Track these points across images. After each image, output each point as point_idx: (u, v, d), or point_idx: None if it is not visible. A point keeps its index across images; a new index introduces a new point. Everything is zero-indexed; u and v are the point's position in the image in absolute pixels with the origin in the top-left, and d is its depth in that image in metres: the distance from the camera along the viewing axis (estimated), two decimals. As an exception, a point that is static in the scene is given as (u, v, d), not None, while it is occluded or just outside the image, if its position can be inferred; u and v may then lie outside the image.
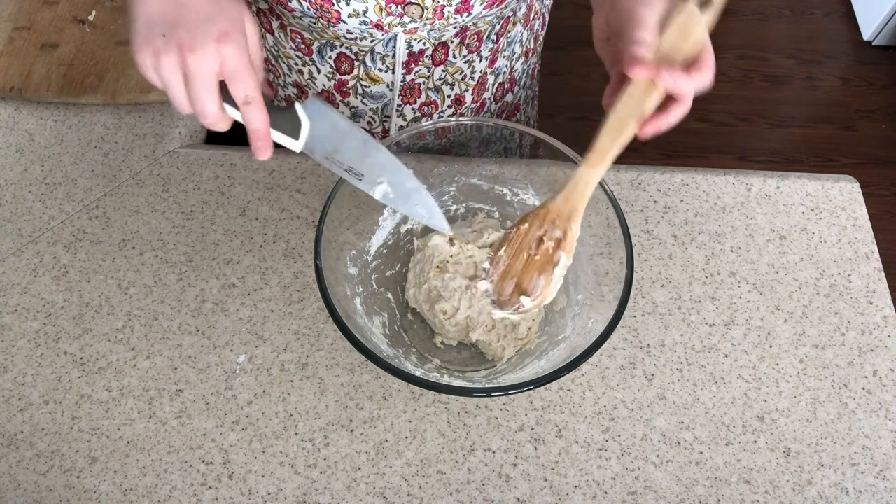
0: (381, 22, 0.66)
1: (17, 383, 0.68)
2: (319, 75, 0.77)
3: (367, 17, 0.65)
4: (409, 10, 0.65)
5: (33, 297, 0.73)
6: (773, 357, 0.70)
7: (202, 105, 0.49)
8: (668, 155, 1.93)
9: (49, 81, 0.86)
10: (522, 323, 0.68)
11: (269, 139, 0.52)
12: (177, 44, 0.47)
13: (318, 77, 0.77)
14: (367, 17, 0.65)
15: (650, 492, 0.63)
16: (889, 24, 2.07)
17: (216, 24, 0.47)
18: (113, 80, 0.86)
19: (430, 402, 0.67)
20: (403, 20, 0.66)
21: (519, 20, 0.79)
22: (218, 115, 0.50)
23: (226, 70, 0.48)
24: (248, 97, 0.49)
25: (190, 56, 0.47)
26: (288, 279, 0.74)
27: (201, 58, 0.47)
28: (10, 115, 0.86)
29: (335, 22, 0.66)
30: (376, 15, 0.65)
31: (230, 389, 0.68)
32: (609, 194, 0.62)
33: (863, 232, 0.78)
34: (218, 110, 0.49)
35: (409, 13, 0.65)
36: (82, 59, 0.88)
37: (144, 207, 0.79)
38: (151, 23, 0.48)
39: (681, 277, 0.74)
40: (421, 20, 0.66)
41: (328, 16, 0.65)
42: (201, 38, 0.47)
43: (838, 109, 2.04)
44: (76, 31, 0.90)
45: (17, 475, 0.64)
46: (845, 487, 0.63)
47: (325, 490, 0.63)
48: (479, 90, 0.82)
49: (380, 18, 0.65)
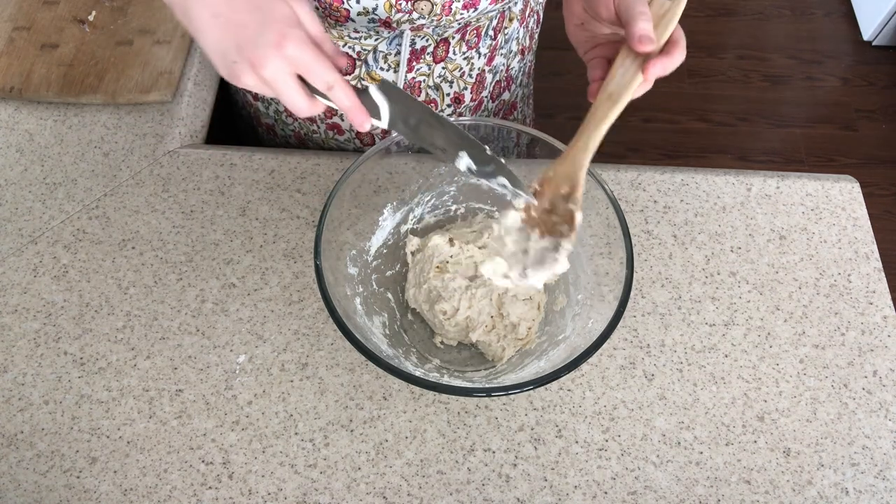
0: (389, 19, 0.66)
1: (17, 383, 0.68)
2: None
3: (376, 14, 0.65)
4: (419, 6, 0.65)
5: (33, 297, 0.73)
6: (773, 357, 0.70)
7: (294, 107, 0.51)
8: (668, 155, 1.93)
9: (49, 81, 0.86)
10: (522, 323, 0.68)
11: (364, 111, 0.53)
12: (249, 64, 0.48)
13: None
14: (376, 15, 0.65)
15: (650, 492, 0.63)
16: (889, 24, 2.07)
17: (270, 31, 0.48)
18: (113, 80, 0.86)
19: (430, 402, 0.67)
20: (412, 17, 0.66)
21: (515, 16, 0.79)
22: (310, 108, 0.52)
23: (297, 68, 0.49)
24: (328, 83, 0.50)
25: (262, 71, 0.48)
26: (288, 279, 0.74)
27: (271, 69, 0.48)
28: (10, 115, 0.86)
29: (343, 21, 0.66)
30: (386, 12, 0.65)
31: (230, 389, 0.68)
32: (609, 194, 0.62)
33: (863, 232, 0.78)
34: (309, 105, 0.51)
35: (419, 9, 0.65)
36: (82, 59, 0.88)
37: (144, 207, 0.79)
38: (220, 50, 0.49)
39: (681, 277, 0.74)
40: (429, 17, 0.66)
41: (336, 14, 0.65)
42: (262, 50, 0.48)
43: (838, 109, 2.04)
44: (76, 31, 0.90)
45: (17, 475, 0.64)
46: (845, 487, 0.63)
47: (325, 490, 0.63)
48: (477, 88, 0.82)
49: (389, 15, 0.65)
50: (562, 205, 0.57)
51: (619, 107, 0.54)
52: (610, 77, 0.55)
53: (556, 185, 0.57)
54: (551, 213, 0.58)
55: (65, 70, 0.87)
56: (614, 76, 0.54)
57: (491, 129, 0.68)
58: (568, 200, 0.57)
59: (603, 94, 0.55)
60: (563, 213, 0.57)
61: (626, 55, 0.54)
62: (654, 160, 1.91)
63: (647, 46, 0.52)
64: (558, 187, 0.57)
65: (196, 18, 0.50)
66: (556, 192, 0.57)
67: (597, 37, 0.59)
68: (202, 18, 0.49)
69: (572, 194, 0.57)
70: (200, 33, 0.50)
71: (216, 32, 0.49)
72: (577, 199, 0.57)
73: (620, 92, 0.54)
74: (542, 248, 0.59)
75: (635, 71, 0.54)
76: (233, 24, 0.49)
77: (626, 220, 0.62)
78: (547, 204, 0.58)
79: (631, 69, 0.54)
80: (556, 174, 0.57)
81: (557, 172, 0.57)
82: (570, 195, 0.57)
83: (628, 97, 0.54)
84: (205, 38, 0.50)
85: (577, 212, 0.57)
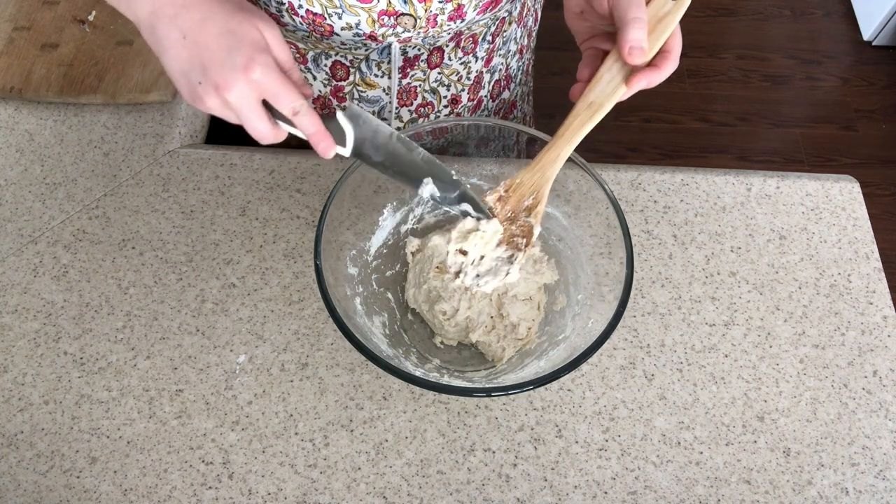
0: (374, 33, 0.66)
1: (17, 383, 0.68)
2: (315, 82, 0.77)
3: (360, 29, 0.65)
4: (402, 20, 0.65)
5: (33, 297, 0.73)
6: (773, 357, 0.70)
7: (256, 132, 0.51)
8: (668, 155, 1.93)
9: (49, 81, 0.86)
10: (522, 323, 0.68)
11: (329, 137, 0.53)
12: (212, 86, 0.48)
13: (314, 84, 0.77)
14: (360, 30, 0.65)
15: (650, 492, 0.63)
16: (889, 24, 2.07)
17: (238, 54, 0.48)
18: (113, 80, 0.86)
19: (430, 402, 0.67)
20: (397, 30, 0.66)
21: (513, 19, 0.79)
22: (273, 135, 0.52)
23: (263, 93, 0.49)
24: (295, 108, 0.50)
25: (226, 93, 0.48)
26: (288, 279, 0.74)
27: (236, 93, 0.48)
28: (10, 115, 0.86)
29: (328, 35, 0.66)
30: (369, 27, 0.65)
31: (230, 389, 0.68)
32: (609, 194, 0.62)
33: (863, 232, 0.78)
34: (271, 130, 0.51)
35: (402, 24, 0.65)
36: (82, 59, 0.88)
37: (144, 207, 0.79)
38: (184, 71, 0.49)
39: (681, 277, 0.74)
40: (414, 29, 0.66)
41: (321, 29, 0.65)
42: (229, 73, 0.48)
43: (838, 109, 2.04)
44: (76, 31, 0.90)
45: (17, 475, 0.64)
46: (845, 487, 0.63)
47: (325, 490, 0.63)
48: (475, 89, 0.82)
49: (373, 30, 0.65)
50: (522, 217, 0.57)
51: (597, 117, 0.53)
52: (595, 82, 0.53)
53: (521, 195, 0.57)
54: (512, 222, 0.58)
55: (65, 70, 0.87)
56: (598, 82, 0.53)
57: (491, 128, 0.68)
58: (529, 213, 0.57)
59: (584, 101, 0.53)
60: (522, 225, 0.57)
61: (615, 60, 0.52)
62: (654, 160, 1.91)
63: (637, 59, 0.50)
64: (522, 197, 0.57)
65: (164, 38, 0.49)
66: (520, 203, 0.57)
67: (595, 27, 0.57)
68: (170, 38, 0.49)
69: (534, 207, 0.56)
70: (166, 52, 0.50)
71: (183, 53, 0.49)
72: (538, 213, 0.56)
73: (602, 102, 0.53)
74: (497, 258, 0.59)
75: (620, 81, 0.52)
76: (201, 45, 0.48)
77: (626, 220, 0.62)
78: (509, 213, 0.58)
79: (617, 78, 0.52)
80: (524, 182, 0.57)
81: (524, 181, 0.56)
82: (532, 208, 0.56)
83: (609, 107, 0.53)
84: (170, 58, 0.50)
85: (536, 227, 0.56)
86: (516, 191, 0.57)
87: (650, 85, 0.52)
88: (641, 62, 0.50)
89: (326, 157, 0.54)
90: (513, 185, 0.57)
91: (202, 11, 0.49)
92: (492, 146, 0.70)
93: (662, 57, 0.51)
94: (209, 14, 0.49)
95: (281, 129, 0.52)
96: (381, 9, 0.63)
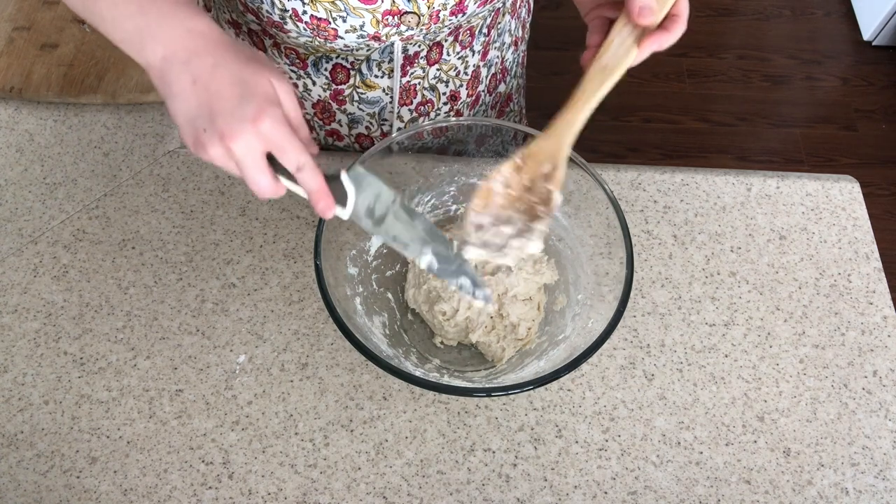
0: (378, 34, 0.66)
1: (17, 383, 0.68)
2: (315, 87, 0.77)
3: (364, 30, 0.65)
4: (406, 19, 0.65)
5: (33, 297, 0.73)
6: (773, 357, 0.70)
7: (256, 186, 0.49)
8: (668, 155, 1.93)
9: (49, 81, 0.86)
10: (522, 323, 0.68)
11: (330, 197, 0.51)
12: (218, 134, 0.47)
13: (314, 89, 0.77)
14: (364, 31, 0.65)
15: (650, 492, 0.63)
16: (889, 24, 2.07)
17: (249, 105, 0.47)
18: (113, 80, 0.86)
19: (430, 402, 0.67)
20: (400, 29, 0.66)
21: (507, 10, 0.79)
22: (273, 190, 0.50)
23: (270, 146, 0.48)
24: (299, 164, 0.49)
25: (232, 144, 0.47)
26: (288, 279, 0.74)
27: (242, 143, 0.47)
28: (10, 115, 0.86)
29: (332, 39, 0.66)
30: (373, 28, 0.65)
31: (230, 389, 0.68)
32: (609, 194, 0.62)
33: (863, 232, 0.78)
34: (271, 185, 0.50)
35: (406, 22, 0.65)
36: (82, 59, 0.88)
37: (144, 207, 0.79)
38: (191, 117, 0.48)
39: (681, 277, 0.74)
40: (417, 27, 0.66)
41: (325, 34, 0.65)
42: (238, 123, 0.47)
43: (838, 109, 2.04)
44: (76, 31, 0.90)
45: (17, 475, 0.64)
46: (845, 487, 0.63)
47: (325, 490, 0.63)
48: (473, 84, 0.82)
49: (377, 31, 0.65)
50: (541, 184, 0.56)
51: (612, 80, 0.52)
52: (606, 46, 0.53)
53: (538, 163, 0.55)
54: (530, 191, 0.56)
55: (65, 70, 0.87)
56: (610, 46, 0.52)
57: (488, 127, 0.68)
58: (548, 180, 0.55)
59: (597, 64, 0.53)
60: (541, 193, 0.56)
61: (625, 24, 0.52)
62: (654, 160, 1.91)
63: (647, 19, 0.50)
64: (539, 165, 0.55)
65: (174, 83, 0.48)
66: (537, 171, 0.55)
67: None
68: (180, 83, 0.48)
69: (553, 174, 0.55)
70: (175, 97, 0.48)
71: (192, 98, 0.48)
72: (558, 179, 0.54)
73: (615, 64, 0.52)
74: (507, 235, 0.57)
75: (632, 43, 0.52)
76: (211, 92, 0.47)
77: (626, 220, 0.62)
78: (527, 181, 0.56)
79: (628, 40, 0.52)
80: (540, 149, 0.55)
81: (541, 148, 0.55)
82: (550, 175, 0.55)
83: (623, 70, 0.52)
84: (178, 102, 0.48)
85: (556, 194, 0.55)
86: (533, 158, 0.55)
87: (661, 47, 0.51)
88: (651, 23, 0.51)
89: (325, 217, 0.53)
90: (529, 152, 0.56)
91: (215, 58, 0.48)
92: (491, 142, 0.70)
93: (671, 20, 0.52)
94: (222, 62, 0.48)
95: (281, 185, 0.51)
96: (385, 9, 0.63)
